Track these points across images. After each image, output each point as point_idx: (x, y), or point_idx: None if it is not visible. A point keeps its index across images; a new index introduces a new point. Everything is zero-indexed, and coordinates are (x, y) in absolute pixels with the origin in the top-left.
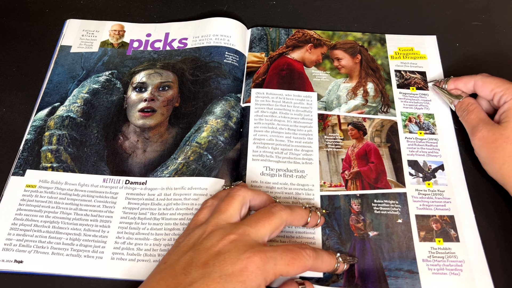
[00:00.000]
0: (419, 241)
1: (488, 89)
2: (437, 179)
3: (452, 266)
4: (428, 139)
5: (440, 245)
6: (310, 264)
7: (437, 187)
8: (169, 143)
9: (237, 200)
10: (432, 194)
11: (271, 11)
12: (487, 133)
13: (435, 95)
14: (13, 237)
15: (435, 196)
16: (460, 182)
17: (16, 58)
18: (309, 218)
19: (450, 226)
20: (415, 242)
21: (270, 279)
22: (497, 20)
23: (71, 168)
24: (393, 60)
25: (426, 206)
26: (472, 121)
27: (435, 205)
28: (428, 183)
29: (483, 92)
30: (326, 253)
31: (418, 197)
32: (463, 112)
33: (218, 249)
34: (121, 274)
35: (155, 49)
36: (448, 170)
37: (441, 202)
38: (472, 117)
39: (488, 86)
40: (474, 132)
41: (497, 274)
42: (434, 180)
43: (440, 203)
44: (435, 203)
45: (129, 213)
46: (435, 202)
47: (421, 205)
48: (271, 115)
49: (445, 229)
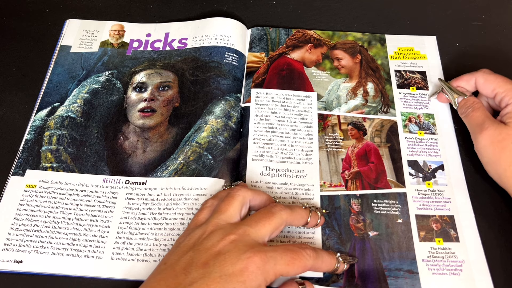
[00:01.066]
0: (419, 241)
1: (490, 88)
2: (437, 179)
3: (452, 266)
4: (428, 139)
5: (440, 245)
6: (310, 264)
7: (437, 187)
8: (169, 143)
9: (237, 200)
10: (432, 194)
11: (271, 11)
12: (494, 131)
13: (434, 98)
14: (13, 237)
15: (435, 196)
16: (460, 182)
17: (16, 58)
18: (309, 218)
19: (450, 226)
20: (415, 242)
21: (271, 279)
22: (497, 20)
23: (71, 168)
24: (393, 60)
25: (426, 206)
26: (477, 118)
27: (435, 205)
28: (428, 183)
29: (484, 90)
30: (326, 253)
31: (418, 197)
32: (467, 109)
33: (218, 249)
34: (121, 274)
35: (155, 49)
36: (448, 170)
37: (441, 202)
38: (478, 114)
39: (490, 85)
40: (479, 130)
41: (497, 274)
42: (434, 180)
43: (440, 203)
44: (435, 203)
45: (129, 213)
46: (435, 202)
47: (421, 205)
48: (271, 115)
49: (445, 229)
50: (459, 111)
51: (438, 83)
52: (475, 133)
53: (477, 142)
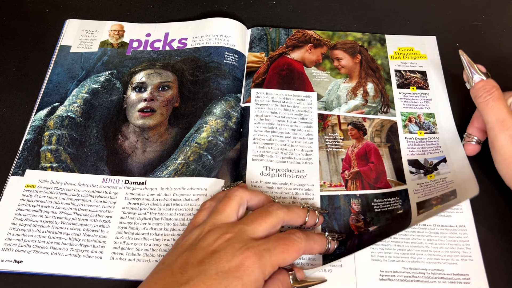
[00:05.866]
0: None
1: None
2: (439, 170)
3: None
4: (428, 138)
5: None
6: (303, 246)
7: (440, 176)
8: (168, 143)
9: (234, 200)
10: (434, 182)
11: (271, 11)
12: None
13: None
14: (12, 237)
15: (437, 184)
16: (465, 167)
17: (16, 58)
18: (307, 218)
19: (450, 195)
20: (413, 216)
21: (269, 271)
22: (497, 20)
23: (70, 168)
24: (393, 60)
25: (428, 193)
26: (499, 111)
27: (437, 190)
28: (430, 175)
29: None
30: (315, 233)
31: (420, 189)
32: (487, 95)
33: (214, 247)
34: (121, 274)
35: (155, 49)
36: (451, 161)
37: (443, 185)
38: (500, 106)
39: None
40: (501, 127)
41: (495, 275)
42: (436, 172)
43: (443, 186)
44: (437, 189)
45: (128, 213)
46: (437, 188)
47: (422, 194)
48: (271, 115)
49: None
50: (475, 93)
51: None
52: (494, 129)
53: (496, 140)
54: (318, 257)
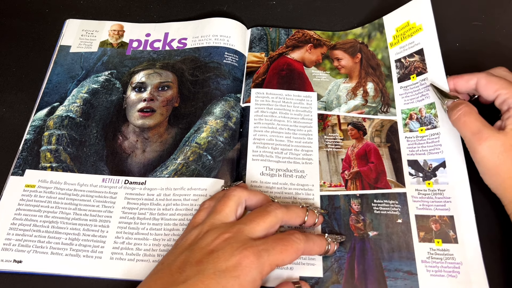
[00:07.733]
0: (418, 241)
1: (492, 89)
2: (438, 178)
3: (449, 268)
4: (429, 135)
5: (439, 246)
6: (302, 247)
7: (438, 186)
8: (168, 143)
9: (232, 200)
10: (432, 193)
11: (271, 11)
12: (494, 142)
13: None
14: (12, 237)
15: (435, 196)
16: (462, 178)
17: (16, 58)
18: (306, 217)
19: (449, 227)
20: (415, 242)
21: (267, 271)
22: (497, 20)
23: (70, 168)
24: (392, 48)
25: (426, 206)
26: (471, 125)
27: (435, 205)
28: (428, 182)
29: (485, 91)
30: (315, 235)
31: (418, 197)
32: (457, 111)
33: (212, 247)
34: (120, 274)
35: (155, 49)
36: (450, 167)
37: (441, 202)
38: (471, 120)
39: (493, 86)
40: (477, 140)
41: (494, 277)
42: (435, 179)
43: (440, 203)
44: (435, 203)
45: (128, 213)
46: (435, 202)
47: (420, 205)
48: (271, 115)
49: (444, 229)
50: (449, 114)
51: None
52: (472, 143)
53: (475, 153)
54: (318, 258)
